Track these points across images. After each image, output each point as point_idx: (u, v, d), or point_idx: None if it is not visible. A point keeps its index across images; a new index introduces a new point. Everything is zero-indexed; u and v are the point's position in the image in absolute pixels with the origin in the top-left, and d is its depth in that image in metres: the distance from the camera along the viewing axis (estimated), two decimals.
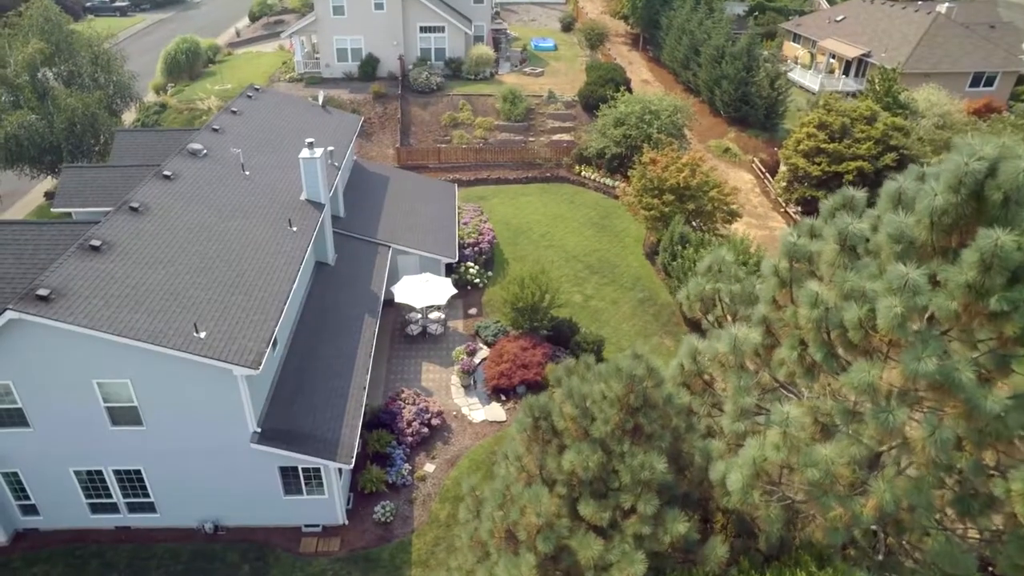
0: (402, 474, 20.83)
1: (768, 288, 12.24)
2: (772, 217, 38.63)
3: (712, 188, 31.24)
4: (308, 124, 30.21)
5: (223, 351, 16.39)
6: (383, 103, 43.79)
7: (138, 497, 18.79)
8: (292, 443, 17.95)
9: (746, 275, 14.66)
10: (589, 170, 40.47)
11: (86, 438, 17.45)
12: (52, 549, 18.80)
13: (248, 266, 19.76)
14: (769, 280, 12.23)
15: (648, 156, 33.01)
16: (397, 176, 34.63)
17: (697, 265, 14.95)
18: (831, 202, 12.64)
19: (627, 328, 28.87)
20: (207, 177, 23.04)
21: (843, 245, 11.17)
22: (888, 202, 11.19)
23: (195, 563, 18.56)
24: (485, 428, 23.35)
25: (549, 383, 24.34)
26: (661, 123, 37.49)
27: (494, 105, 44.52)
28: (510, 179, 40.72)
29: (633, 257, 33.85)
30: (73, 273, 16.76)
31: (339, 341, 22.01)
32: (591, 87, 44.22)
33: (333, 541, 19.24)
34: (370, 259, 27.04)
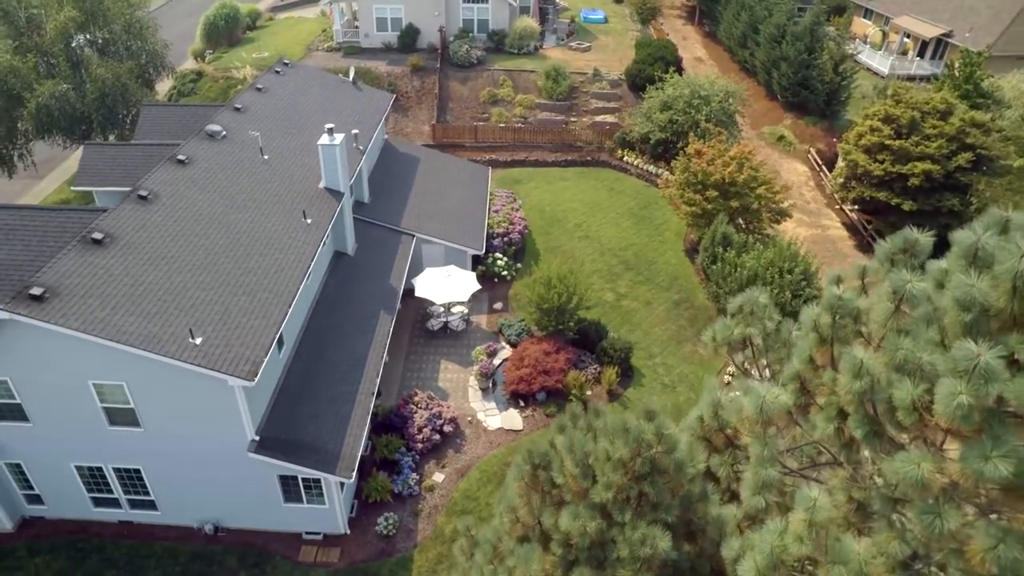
0: (408, 484, 20.02)
1: (805, 345, 10.65)
2: (825, 215, 36.07)
3: (760, 185, 29.03)
4: (336, 103, 29.08)
5: (218, 360, 15.62)
6: (421, 77, 42.30)
7: (138, 495, 18.47)
8: (291, 453, 17.23)
9: (782, 319, 13.00)
10: (632, 155, 38.43)
11: (85, 436, 17.08)
12: (55, 540, 18.71)
13: (255, 263, 18.91)
14: (807, 336, 10.62)
15: (693, 147, 30.87)
16: (428, 157, 33.34)
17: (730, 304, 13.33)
18: (889, 244, 10.88)
19: (659, 333, 27.28)
20: (223, 162, 22.19)
21: (898, 305, 9.53)
22: (960, 258, 9.42)
23: (193, 565, 18.20)
24: (500, 436, 22.33)
25: (570, 391, 23.23)
26: (711, 109, 35.08)
27: (536, 82, 42.54)
28: (548, 162, 39.00)
29: (672, 253, 32.01)
30: (71, 269, 16.14)
31: (351, 341, 21.14)
32: (639, 66, 41.78)
33: (333, 552, 18.62)
34: (392, 249, 26.00)
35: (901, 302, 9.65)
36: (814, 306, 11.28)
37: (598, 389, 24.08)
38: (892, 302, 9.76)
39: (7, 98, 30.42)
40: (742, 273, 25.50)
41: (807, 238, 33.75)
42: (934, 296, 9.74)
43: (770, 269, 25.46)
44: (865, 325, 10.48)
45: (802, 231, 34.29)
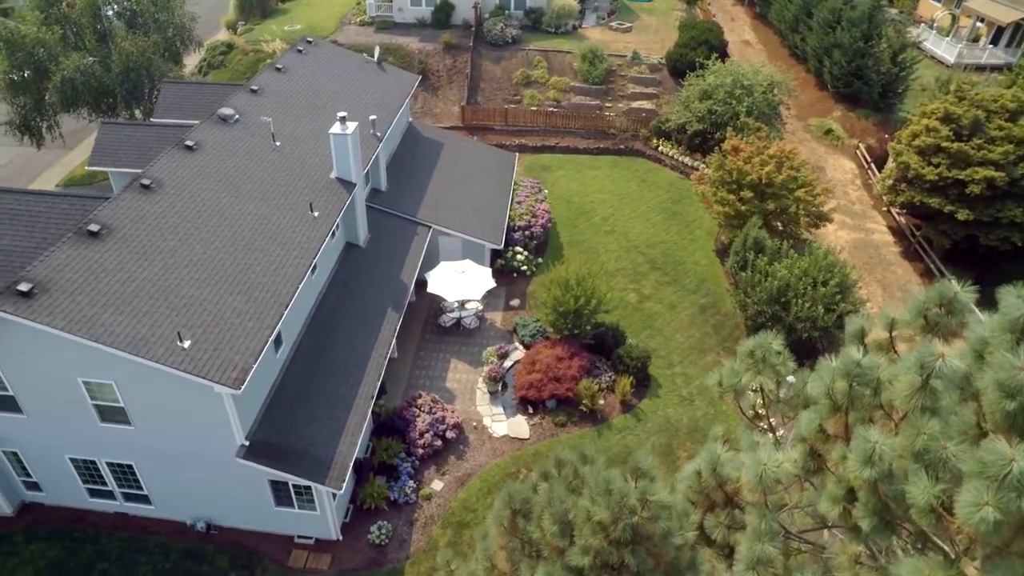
0: (405, 491, 19.44)
1: (816, 413, 9.47)
2: (871, 217, 33.93)
3: (800, 187, 27.21)
4: (358, 85, 28.15)
5: (205, 365, 15.09)
6: (453, 55, 41.00)
7: (132, 489, 18.32)
8: (281, 460, 16.74)
9: (797, 369, 11.75)
10: (667, 145, 36.69)
11: (77, 430, 16.88)
12: (52, 527, 18.73)
13: (255, 259, 18.30)
14: (819, 402, 9.44)
15: (730, 143, 29.11)
16: (453, 142, 32.28)
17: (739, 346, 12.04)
18: (924, 297, 9.59)
19: (681, 339, 26.01)
20: (233, 148, 21.56)
21: (926, 381, 8.30)
22: (1006, 331, 8.11)
23: (183, 563, 18.02)
24: (505, 445, 21.58)
25: (580, 401, 22.27)
26: (753, 100, 33.07)
27: (571, 64, 40.87)
28: (579, 148, 37.55)
29: (702, 253, 30.51)
30: (64, 263, 15.75)
31: (354, 340, 20.50)
32: (681, 50, 39.72)
33: (323, 558, 18.23)
34: (407, 241, 25.20)
35: (929, 379, 8.39)
36: (832, 360, 10.01)
37: (611, 399, 23.06)
38: (919, 375, 8.49)
39: (35, 70, 30.35)
40: (772, 283, 23.99)
41: (848, 242, 31.84)
42: (972, 370, 8.44)
43: (803, 280, 23.89)
44: (887, 392, 9.23)
45: (843, 234, 32.34)
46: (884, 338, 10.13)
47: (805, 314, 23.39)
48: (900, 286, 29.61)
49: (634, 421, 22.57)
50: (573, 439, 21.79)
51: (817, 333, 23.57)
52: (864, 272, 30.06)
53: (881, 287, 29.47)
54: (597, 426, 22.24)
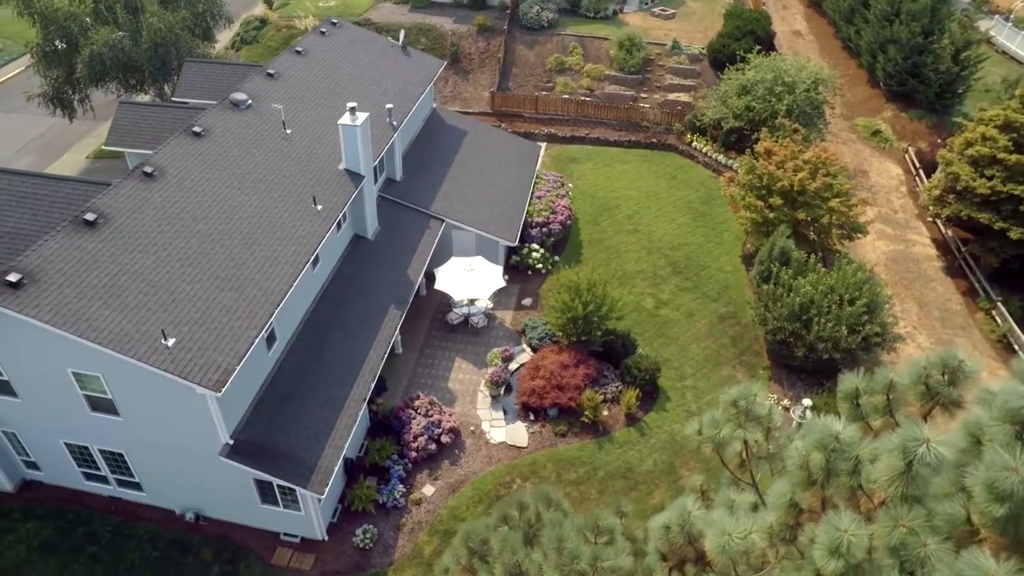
0: (394, 495, 19.15)
1: (789, 484, 8.63)
2: (914, 228, 32.00)
3: (835, 196, 25.65)
4: (379, 70, 27.53)
5: (188, 365, 14.90)
6: (487, 38, 39.98)
7: (124, 475, 18.46)
8: (265, 461, 16.57)
9: (782, 423, 10.82)
10: (702, 141, 35.18)
11: (70, 418, 16.98)
12: (49, 506, 19.06)
13: (251, 254, 18.01)
14: (793, 473, 8.59)
15: (763, 145, 27.62)
16: (477, 131, 31.48)
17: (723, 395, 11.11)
18: (925, 362, 8.65)
19: (696, 350, 25.00)
20: (241, 136, 21.25)
21: (909, 466, 7.42)
22: (1004, 418, 7.17)
23: (170, 552, 18.15)
24: (502, 452, 21.09)
25: (583, 411, 21.58)
26: (794, 98, 31.30)
27: (608, 51, 39.44)
28: (610, 140, 36.34)
29: (727, 259, 29.24)
30: (56, 253, 15.69)
31: (353, 338, 20.16)
32: (723, 40, 37.91)
33: (307, 558, 18.12)
34: (418, 234, 24.68)
35: (912, 465, 7.49)
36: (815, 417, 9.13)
37: (616, 410, 22.31)
38: (901, 461, 7.60)
39: (68, 43, 30.57)
40: (794, 299, 22.74)
41: (886, 254, 30.11)
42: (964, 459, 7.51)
43: (828, 297, 22.58)
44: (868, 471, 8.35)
45: (881, 245, 30.59)
46: (881, 401, 9.24)
47: (827, 334, 22.13)
48: (939, 305, 27.90)
49: (637, 435, 21.80)
50: (572, 451, 21.18)
51: (839, 355, 22.32)
52: (900, 288, 28.43)
53: (917, 305, 27.80)
54: (598, 438, 21.55)
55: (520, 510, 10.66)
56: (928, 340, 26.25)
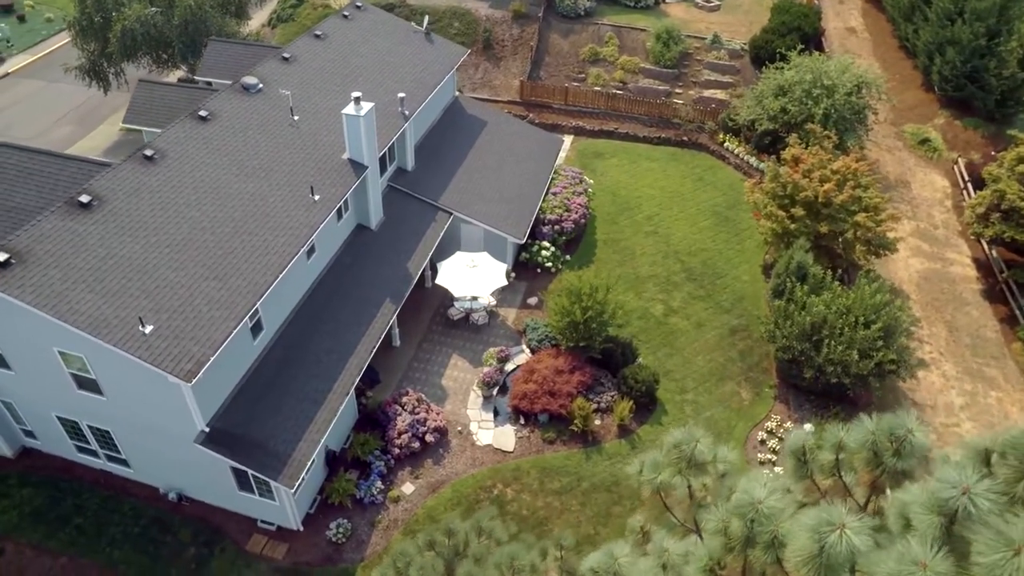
0: (372, 491, 19.13)
1: (707, 549, 8.07)
2: (954, 245, 30.15)
3: (863, 210, 24.26)
4: (398, 57, 27.19)
5: (161, 354, 15.03)
6: (521, 25, 39.15)
7: (112, 451, 18.89)
8: (239, 450, 16.70)
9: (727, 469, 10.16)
10: (734, 142, 33.83)
11: (59, 393, 17.41)
12: (44, 475, 19.70)
13: (240, 243, 18.03)
14: (710, 539, 8.03)
15: (791, 152, 26.31)
16: (498, 122, 30.91)
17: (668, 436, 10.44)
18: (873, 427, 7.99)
19: (701, 363, 24.16)
20: (247, 121, 21.26)
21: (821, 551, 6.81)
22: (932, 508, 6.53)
23: (150, 529, 18.56)
24: (487, 455, 20.83)
25: (573, 419, 21.10)
26: (832, 103, 29.68)
27: (644, 43, 38.17)
28: (639, 136, 35.28)
29: (746, 268, 28.12)
30: (47, 233, 15.98)
31: (343, 331, 20.10)
32: (767, 36, 36.19)
33: (280, 547, 18.29)
34: (423, 227, 24.42)
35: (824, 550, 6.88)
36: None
37: (609, 420, 21.76)
38: (815, 542, 7.01)
39: (103, 18, 31.17)
40: (804, 318, 21.67)
41: (920, 272, 28.48)
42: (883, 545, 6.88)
43: (844, 318, 21.44)
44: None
45: (916, 262, 28.95)
46: (829, 461, 8.63)
47: (837, 357, 21.06)
48: (972, 331, 26.26)
49: (628, 448, 21.24)
50: (559, 459, 20.77)
51: (848, 379, 21.23)
52: (930, 310, 26.89)
53: (947, 329, 26.24)
54: (587, 448, 21.08)
55: (448, 536, 10.37)
56: (955, 368, 24.77)
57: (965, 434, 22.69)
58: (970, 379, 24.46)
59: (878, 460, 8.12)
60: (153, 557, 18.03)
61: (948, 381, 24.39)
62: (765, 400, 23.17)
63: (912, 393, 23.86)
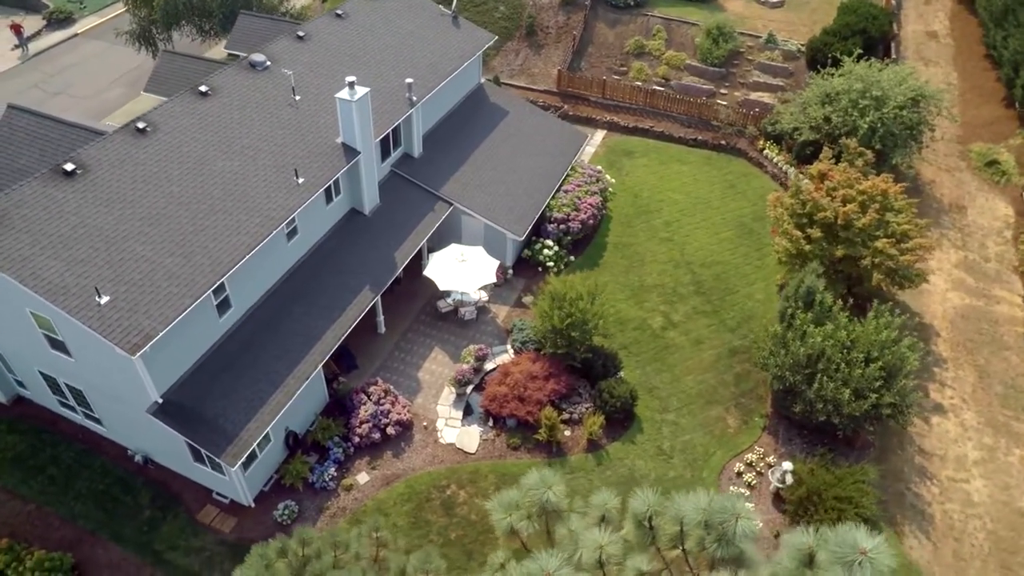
0: (324, 477, 19.26)
1: None
2: (1005, 282, 27.41)
3: (888, 236, 22.32)
4: (418, 40, 26.84)
5: (112, 325, 15.47)
6: (568, 12, 38.01)
7: (87, 409, 19.71)
8: (189, 424, 17.09)
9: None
10: (774, 150, 31.86)
11: (37, 351, 18.22)
12: (31, 424, 20.83)
13: (213, 221, 18.29)
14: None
15: (818, 167, 24.47)
16: (521, 113, 30.19)
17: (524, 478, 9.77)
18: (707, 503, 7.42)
19: (691, 383, 23.03)
20: (246, 99, 21.49)
21: None
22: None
23: (114, 488, 19.35)
24: (448, 454, 20.59)
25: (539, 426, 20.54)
26: (881, 116, 27.38)
27: (693, 38, 36.36)
28: (674, 136, 33.76)
29: (762, 286, 26.54)
30: (26, 199, 16.65)
31: (312, 316, 20.18)
32: (827, 38, 33.66)
33: (229, 521, 18.72)
34: (419, 216, 24.19)
35: None
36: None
37: (579, 432, 21.08)
38: None
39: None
40: (798, 349, 20.22)
41: (956, 309, 26.11)
42: None
43: (848, 352, 19.86)
44: None
45: (954, 297, 26.54)
46: (674, 532, 8.12)
47: (829, 394, 19.58)
48: (1006, 379, 23.89)
49: (594, 464, 20.53)
50: (520, 467, 20.28)
51: (838, 419, 19.72)
52: (961, 350, 24.63)
53: (977, 374, 23.97)
54: (551, 459, 20.50)
55: (280, 554, 10.19)
56: (976, 418, 22.64)
57: (974, 492, 20.78)
58: (992, 432, 22.30)
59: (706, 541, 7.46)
60: (110, 514, 18.81)
61: (966, 431, 22.33)
62: (752, 430, 21.88)
63: (921, 439, 22.00)
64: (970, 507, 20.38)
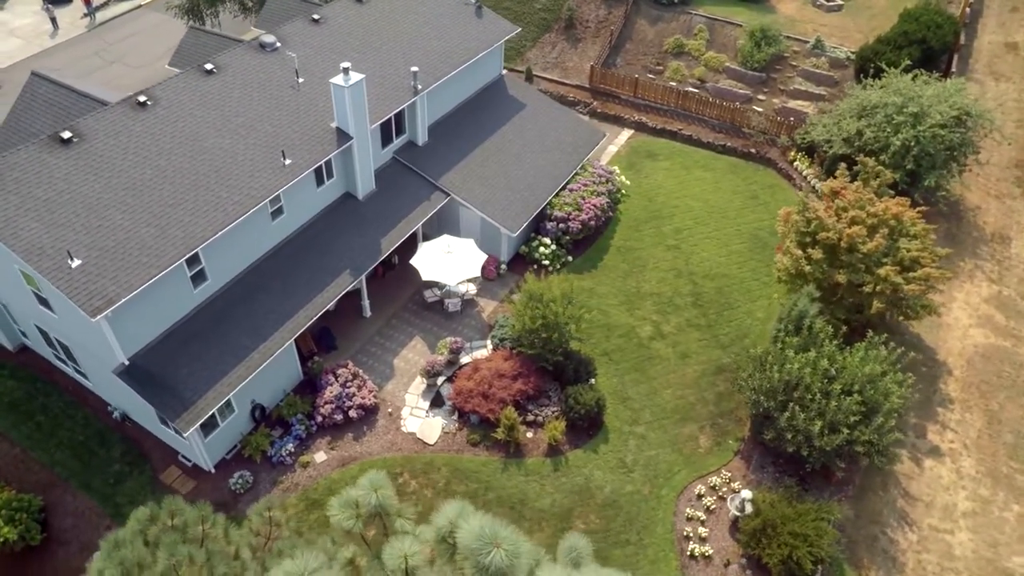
0: (282, 452, 19.80)
1: None
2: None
3: (897, 263, 20.91)
4: (435, 29, 26.86)
5: (78, 287, 16.32)
6: (610, 7, 37.17)
7: (75, 364, 20.90)
8: (150, 388, 17.87)
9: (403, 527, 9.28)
10: (805, 162, 30.31)
11: (30, 305, 19.41)
12: (31, 372, 22.25)
13: (194, 196, 18.94)
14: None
15: (830, 184, 23.14)
16: (539, 107, 29.81)
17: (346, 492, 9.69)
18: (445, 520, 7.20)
19: (668, 397, 22.34)
20: (250, 80, 22.09)
21: None
22: None
23: (90, 441, 20.49)
24: (407, 443, 20.78)
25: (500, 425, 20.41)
26: (916, 133, 25.57)
27: (736, 40, 34.89)
28: (702, 141, 32.61)
29: (764, 303, 25.42)
30: (20, 162, 17.71)
31: (288, 295, 20.66)
32: (880, 47, 31.63)
33: (188, 483, 19.54)
34: (414, 204, 24.33)
35: None
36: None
37: (542, 435, 20.84)
38: None
39: None
40: (773, 374, 19.29)
41: (977, 348, 24.26)
42: None
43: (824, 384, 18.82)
44: None
45: (978, 334, 24.65)
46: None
47: (801, 424, 18.63)
48: (1020, 429, 22.06)
49: (550, 468, 20.27)
50: (475, 464, 20.28)
51: (807, 451, 18.75)
52: (972, 392, 22.91)
53: (986, 419, 22.23)
54: (508, 460, 20.37)
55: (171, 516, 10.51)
56: (976, 467, 21.05)
57: (957, 545, 19.37)
58: (991, 483, 20.69)
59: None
60: (84, 464, 19.96)
61: (961, 479, 20.80)
62: (724, 452, 21.07)
63: (908, 482, 20.66)
64: (949, 560, 19.01)
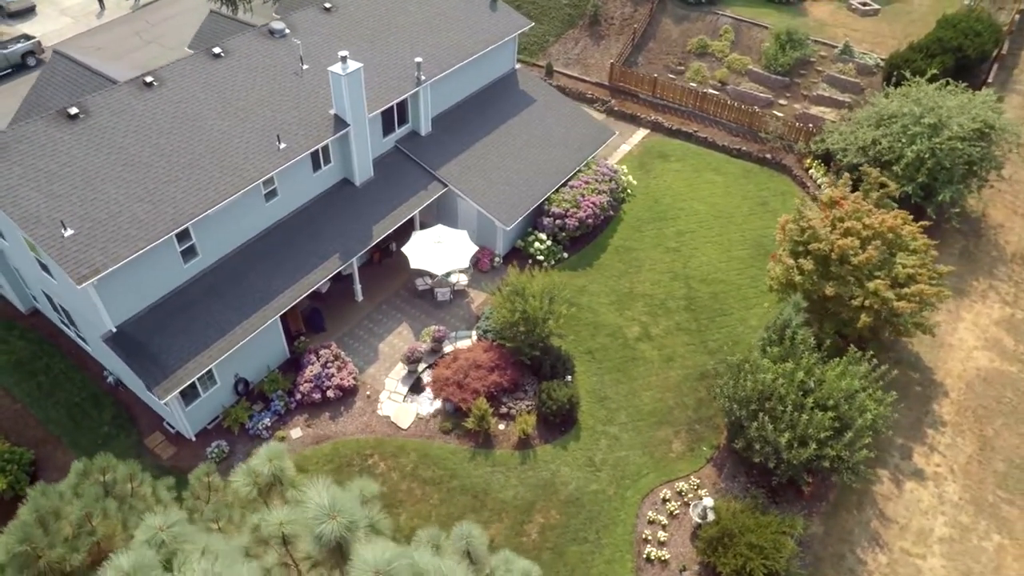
0: (259, 426, 20.51)
1: None
2: None
3: (890, 278, 20.30)
4: (446, 21, 27.14)
5: (68, 256, 17.22)
6: (636, 4, 36.85)
7: (75, 328, 22.02)
8: (134, 355, 18.73)
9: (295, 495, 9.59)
10: (820, 170, 29.53)
11: (34, 271, 20.56)
12: (39, 334, 23.55)
13: (187, 176, 19.70)
14: None
15: (829, 193, 22.54)
16: (548, 102, 29.82)
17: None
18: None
19: (647, 400, 22.21)
20: (255, 65, 22.78)
21: None
22: None
23: (84, 403, 21.58)
24: (381, 426, 21.24)
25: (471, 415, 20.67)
26: (931, 146, 24.66)
27: (762, 42, 34.14)
28: (717, 144, 32.10)
29: (759, 311, 24.97)
30: (28, 134, 18.74)
31: (276, 276, 21.28)
32: (910, 54, 30.53)
33: (169, 449, 20.42)
34: (410, 193, 24.72)
35: None
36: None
37: (511, 428, 21.01)
38: None
39: None
40: (746, 382, 19.01)
41: (980, 371, 23.34)
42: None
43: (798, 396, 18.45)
44: None
45: (982, 357, 23.69)
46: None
47: (770, 436, 18.33)
48: (1014, 458, 21.16)
49: (518, 461, 20.43)
50: (444, 451, 20.60)
51: (773, 464, 18.44)
52: (967, 415, 22.08)
53: (979, 445, 21.39)
54: (477, 450, 20.62)
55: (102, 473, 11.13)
56: (960, 493, 20.31)
57: (928, 571, 18.77)
58: (974, 511, 19.94)
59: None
60: (77, 424, 21.05)
61: (941, 504, 20.11)
62: (697, 459, 20.86)
63: (885, 502, 20.08)
64: None
